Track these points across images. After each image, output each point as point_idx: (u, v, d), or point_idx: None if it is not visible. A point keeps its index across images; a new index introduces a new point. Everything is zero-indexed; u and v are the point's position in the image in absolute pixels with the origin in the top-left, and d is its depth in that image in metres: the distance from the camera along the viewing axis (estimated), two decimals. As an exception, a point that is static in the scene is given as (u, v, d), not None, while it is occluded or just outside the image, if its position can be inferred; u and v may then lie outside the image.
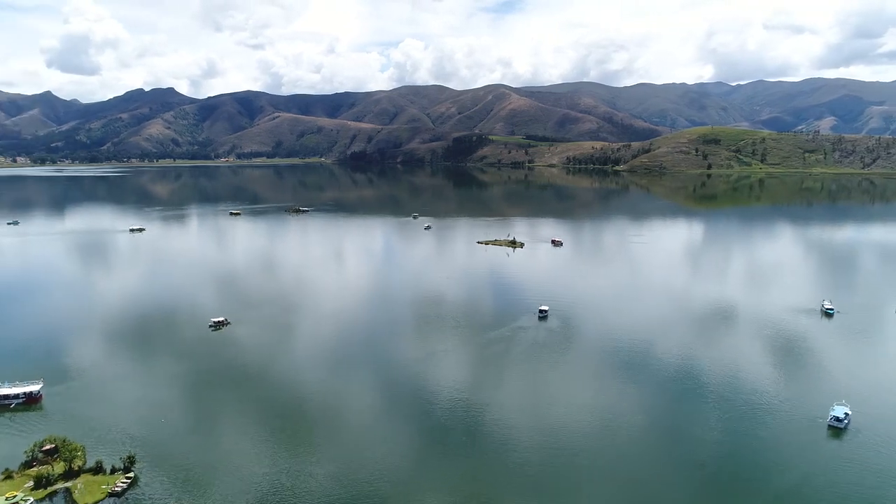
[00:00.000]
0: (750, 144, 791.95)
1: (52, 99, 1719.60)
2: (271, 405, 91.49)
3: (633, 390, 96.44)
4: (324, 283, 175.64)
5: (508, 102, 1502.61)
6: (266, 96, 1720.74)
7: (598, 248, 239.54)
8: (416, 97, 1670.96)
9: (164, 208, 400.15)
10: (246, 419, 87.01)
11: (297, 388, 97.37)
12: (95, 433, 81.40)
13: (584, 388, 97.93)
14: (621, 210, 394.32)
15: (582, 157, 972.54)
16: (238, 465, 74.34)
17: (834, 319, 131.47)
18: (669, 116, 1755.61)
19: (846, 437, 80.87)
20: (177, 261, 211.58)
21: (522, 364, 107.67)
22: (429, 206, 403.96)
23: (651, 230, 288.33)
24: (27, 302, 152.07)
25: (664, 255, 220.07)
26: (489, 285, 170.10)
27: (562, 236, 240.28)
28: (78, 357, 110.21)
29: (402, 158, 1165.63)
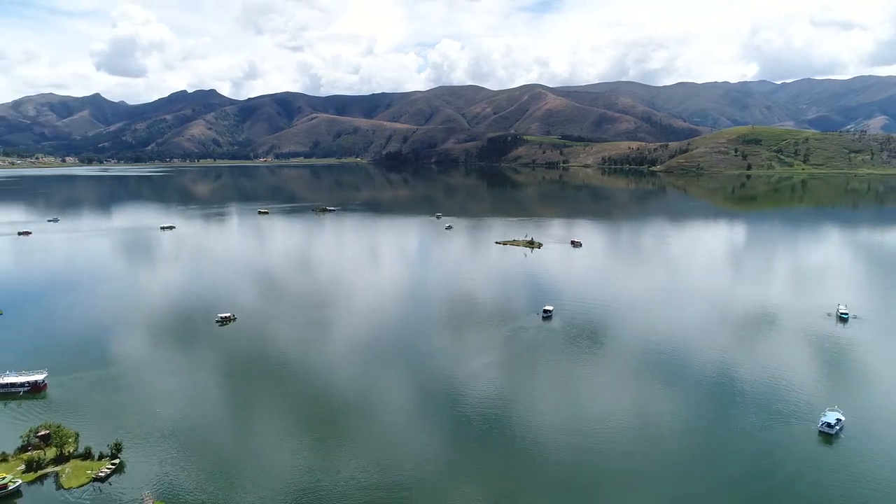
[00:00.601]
0: (792, 144, 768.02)
1: (100, 101, 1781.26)
2: (269, 400, 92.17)
3: (630, 389, 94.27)
4: (336, 281, 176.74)
5: (544, 102, 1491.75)
6: (304, 97, 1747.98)
7: (619, 249, 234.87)
8: (451, 97, 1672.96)
9: (199, 207, 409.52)
10: (241, 413, 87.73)
11: (299, 384, 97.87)
12: (92, 421, 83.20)
13: (588, 387, 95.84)
14: (654, 211, 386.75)
15: (617, 157, 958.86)
16: (222, 457, 74.97)
17: (849, 324, 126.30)
18: (710, 116, 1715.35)
19: (837, 443, 78.00)
20: (198, 257, 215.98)
21: (529, 361, 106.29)
22: (456, 206, 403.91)
23: (679, 232, 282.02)
24: (46, 294, 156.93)
25: (686, 256, 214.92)
26: (500, 285, 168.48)
27: (583, 237, 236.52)
28: (86, 349, 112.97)
29: (436, 159, 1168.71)
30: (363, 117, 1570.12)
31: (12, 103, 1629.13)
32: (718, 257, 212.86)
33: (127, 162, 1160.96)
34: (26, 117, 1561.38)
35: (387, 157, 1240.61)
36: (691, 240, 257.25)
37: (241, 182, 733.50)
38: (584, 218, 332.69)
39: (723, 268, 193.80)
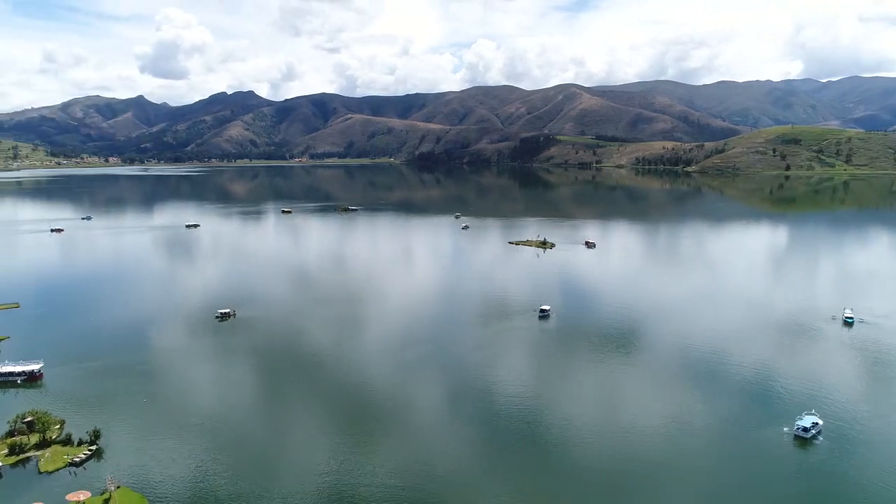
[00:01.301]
0: (833, 144, 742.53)
1: (143, 103, 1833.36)
2: (259, 396, 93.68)
3: (612, 389, 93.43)
4: (340, 279, 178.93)
5: (579, 102, 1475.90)
6: (340, 98, 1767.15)
7: (634, 250, 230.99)
8: (485, 97, 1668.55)
9: (229, 205, 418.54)
10: (229, 408, 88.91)
11: (295, 379, 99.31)
12: (81, 410, 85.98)
13: (572, 387, 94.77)
14: (684, 212, 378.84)
15: (651, 157, 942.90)
16: (198, 449, 76.51)
17: (853, 329, 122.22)
18: (752, 115, 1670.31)
19: (811, 448, 76.03)
20: (214, 255, 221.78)
21: (518, 359, 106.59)
22: (482, 206, 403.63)
23: (703, 233, 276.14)
24: (64, 288, 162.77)
25: (701, 257, 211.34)
26: (503, 284, 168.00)
27: (601, 238, 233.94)
28: (89, 340, 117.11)
29: (468, 159, 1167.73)
30: (398, 118, 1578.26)
31: (61, 105, 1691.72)
32: (735, 259, 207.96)
33: (166, 162, 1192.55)
34: (74, 119, 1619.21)
35: (419, 158, 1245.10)
36: (713, 241, 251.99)
37: (276, 182, 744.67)
38: (607, 219, 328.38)
39: (736, 269, 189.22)
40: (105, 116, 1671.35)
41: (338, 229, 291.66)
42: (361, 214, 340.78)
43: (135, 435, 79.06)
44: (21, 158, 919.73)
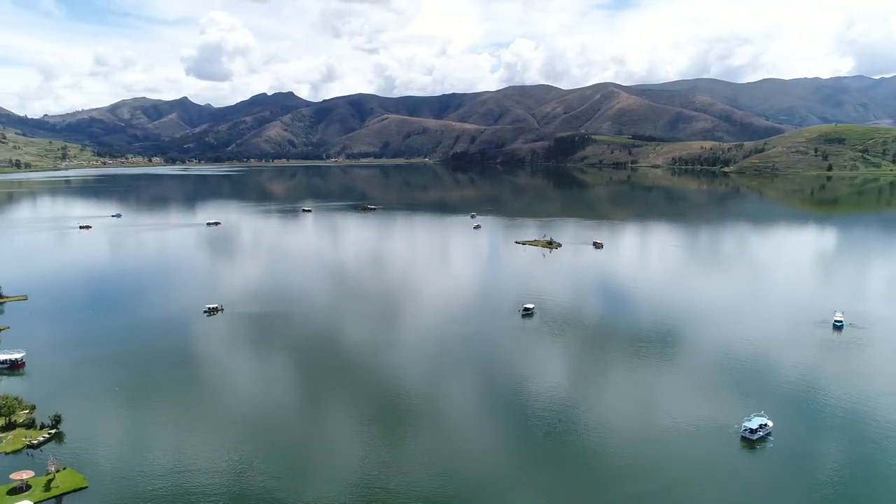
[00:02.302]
0: (880, 143, 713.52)
1: (187, 104, 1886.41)
2: (234, 391, 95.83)
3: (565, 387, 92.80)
4: (338, 276, 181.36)
5: (617, 101, 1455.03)
6: (376, 98, 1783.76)
7: (642, 251, 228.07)
8: (521, 97, 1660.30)
9: (255, 203, 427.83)
10: (199, 402, 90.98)
11: (275, 374, 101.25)
12: (54, 396, 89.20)
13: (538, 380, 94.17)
14: (716, 213, 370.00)
15: (689, 157, 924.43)
16: (150, 435, 78.94)
17: (840, 333, 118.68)
18: (798, 114, 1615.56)
19: (756, 450, 75.04)
20: (225, 251, 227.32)
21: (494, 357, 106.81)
22: (504, 206, 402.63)
23: (720, 233, 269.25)
24: (75, 282, 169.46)
25: (711, 258, 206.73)
26: (495, 282, 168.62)
27: (613, 239, 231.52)
28: (79, 333, 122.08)
29: (501, 159, 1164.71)
30: (433, 118, 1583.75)
31: (109, 107, 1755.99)
32: (743, 258, 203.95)
33: (206, 162, 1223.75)
34: (121, 120, 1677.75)
35: (453, 158, 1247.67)
36: (726, 241, 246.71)
37: (313, 181, 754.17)
38: (632, 219, 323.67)
39: (740, 269, 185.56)
40: (151, 117, 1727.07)
41: (349, 228, 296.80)
42: (379, 214, 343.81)
43: (96, 421, 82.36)
44: (69, 158, 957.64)
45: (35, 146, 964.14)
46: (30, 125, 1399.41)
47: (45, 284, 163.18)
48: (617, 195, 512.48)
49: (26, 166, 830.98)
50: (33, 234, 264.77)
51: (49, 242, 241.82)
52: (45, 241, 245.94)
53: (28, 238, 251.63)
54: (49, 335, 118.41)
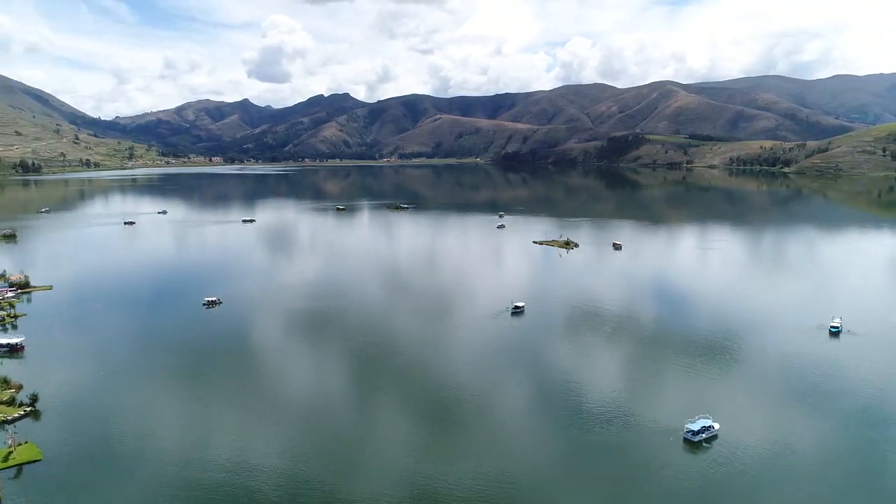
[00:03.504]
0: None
1: (248, 105, 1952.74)
2: (215, 386, 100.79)
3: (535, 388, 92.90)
4: (351, 273, 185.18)
5: (674, 100, 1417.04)
6: (430, 99, 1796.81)
7: (660, 252, 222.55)
8: (576, 96, 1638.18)
9: (295, 202, 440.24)
10: (182, 391, 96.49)
11: (270, 368, 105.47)
12: (43, 378, 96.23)
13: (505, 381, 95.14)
14: (769, 215, 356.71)
15: (747, 157, 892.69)
16: (120, 418, 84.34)
17: (835, 339, 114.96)
18: (872, 112, 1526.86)
19: (696, 452, 74.73)
20: (252, 246, 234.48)
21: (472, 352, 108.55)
22: (543, 206, 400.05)
23: (761, 236, 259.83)
24: (101, 274, 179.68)
25: (730, 260, 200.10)
26: (495, 280, 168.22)
27: (636, 240, 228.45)
28: (86, 321, 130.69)
29: (553, 159, 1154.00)
30: (486, 118, 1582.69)
31: (175, 109, 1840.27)
32: (767, 263, 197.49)
33: (263, 161, 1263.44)
34: (186, 121, 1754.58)
35: (504, 158, 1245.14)
36: (768, 245, 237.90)
37: (365, 181, 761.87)
38: (674, 222, 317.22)
39: (759, 275, 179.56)
40: (214, 118, 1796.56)
41: (375, 226, 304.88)
42: (412, 213, 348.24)
43: (73, 402, 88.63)
44: (135, 158, 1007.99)
45: (105, 146, 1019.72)
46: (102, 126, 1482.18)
47: (72, 276, 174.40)
48: (671, 196, 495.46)
49: (95, 165, 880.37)
50: (82, 229, 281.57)
51: (92, 237, 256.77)
52: (88, 236, 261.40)
53: (75, 233, 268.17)
54: (59, 322, 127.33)
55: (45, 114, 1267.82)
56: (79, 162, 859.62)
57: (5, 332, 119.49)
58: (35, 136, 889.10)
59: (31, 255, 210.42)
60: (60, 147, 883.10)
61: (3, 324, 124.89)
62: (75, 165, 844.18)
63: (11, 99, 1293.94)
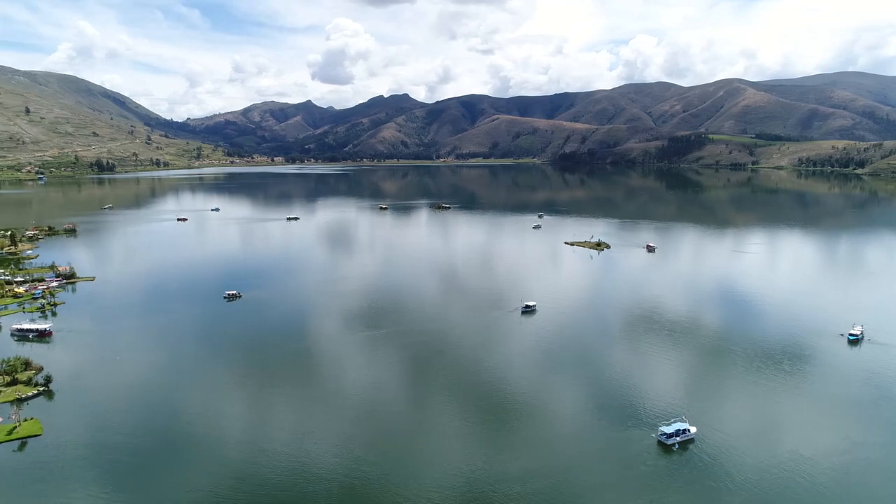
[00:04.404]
0: None
1: (311, 107, 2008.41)
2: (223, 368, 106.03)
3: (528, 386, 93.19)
4: (379, 270, 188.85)
5: (742, 98, 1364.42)
6: (488, 99, 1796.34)
7: (694, 255, 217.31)
8: (637, 95, 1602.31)
9: (344, 200, 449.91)
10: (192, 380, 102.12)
11: (290, 356, 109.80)
12: (62, 362, 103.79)
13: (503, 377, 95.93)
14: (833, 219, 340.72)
15: (817, 158, 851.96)
16: (124, 403, 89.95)
17: (853, 347, 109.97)
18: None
19: (669, 455, 73.99)
20: (289, 243, 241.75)
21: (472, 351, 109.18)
22: (586, 207, 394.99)
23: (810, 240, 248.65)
24: (143, 267, 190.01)
25: (762, 266, 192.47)
26: (514, 279, 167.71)
27: (673, 242, 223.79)
28: (116, 309, 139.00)
29: (611, 159, 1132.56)
30: (545, 118, 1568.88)
31: (242, 110, 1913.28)
32: (804, 268, 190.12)
33: (323, 161, 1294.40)
34: (252, 122, 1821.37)
35: (561, 158, 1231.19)
36: (808, 250, 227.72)
37: (422, 180, 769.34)
38: (713, 224, 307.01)
39: (791, 279, 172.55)
40: (278, 119, 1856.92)
41: (411, 225, 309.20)
42: (453, 212, 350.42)
43: (85, 383, 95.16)
44: (202, 158, 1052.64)
45: (174, 147, 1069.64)
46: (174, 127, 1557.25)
47: (115, 268, 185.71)
48: (734, 199, 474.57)
49: (165, 164, 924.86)
50: (137, 225, 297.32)
51: (143, 232, 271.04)
52: (141, 231, 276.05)
53: (130, 229, 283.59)
54: (91, 311, 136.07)
55: (122, 116, 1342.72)
56: (149, 161, 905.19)
57: (45, 319, 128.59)
58: (111, 136, 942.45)
59: (85, 248, 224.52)
60: (133, 147, 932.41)
61: (43, 311, 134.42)
62: (146, 165, 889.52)
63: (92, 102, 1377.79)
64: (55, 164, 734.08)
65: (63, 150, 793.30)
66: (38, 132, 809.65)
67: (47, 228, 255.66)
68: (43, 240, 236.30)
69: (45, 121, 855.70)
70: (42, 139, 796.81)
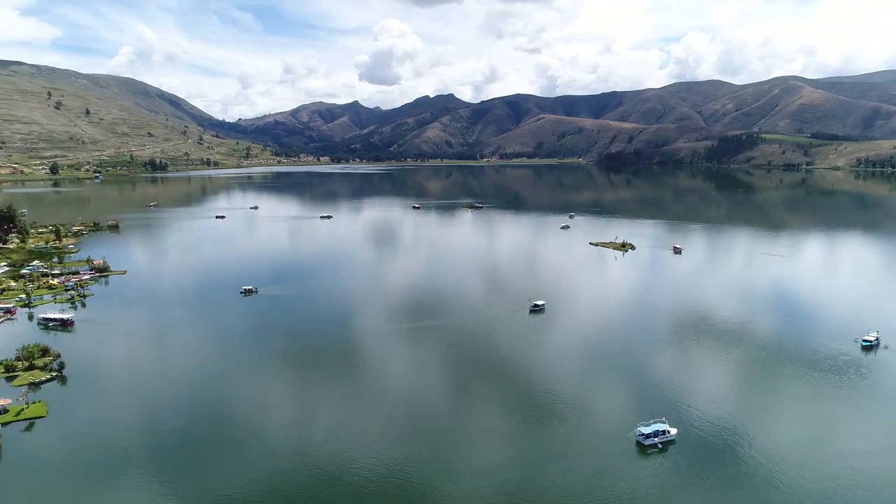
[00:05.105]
0: None
1: (358, 107, 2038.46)
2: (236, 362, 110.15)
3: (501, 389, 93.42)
4: (401, 269, 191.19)
5: (798, 97, 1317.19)
6: (533, 98, 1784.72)
7: (722, 257, 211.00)
8: (688, 94, 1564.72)
9: (381, 199, 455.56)
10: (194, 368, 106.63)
11: (294, 350, 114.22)
12: (79, 349, 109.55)
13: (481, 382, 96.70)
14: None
15: (877, 158, 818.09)
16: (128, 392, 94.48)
17: (867, 354, 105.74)
18: None
19: (645, 456, 73.44)
20: (318, 240, 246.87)
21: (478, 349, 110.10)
22: (625, 208, 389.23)
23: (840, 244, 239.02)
24: (173, 262, 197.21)
25: (790, 269, 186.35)
26: (530, 279, 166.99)
27: (691, 243, 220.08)
28: (139, 301, 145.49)
29: (658, 159, 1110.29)
30: (591, 117, 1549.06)
31: (291, 111, 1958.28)
32: (836, 272, 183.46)
33: (367, 161, 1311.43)
34: (300, 123, 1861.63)
35: (606, 158, 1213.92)
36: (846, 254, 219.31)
37: (466, 180, 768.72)
38: (754, 226, 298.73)
39: (816, 284, 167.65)
40: (325, 120, 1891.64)
41: (440, 225, 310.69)
42: (485, 212, 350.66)
43: (97, 371, 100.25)
44: (251, 157, 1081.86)
45: (224, 146, 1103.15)
46: (226, 128, 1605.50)
47: (146, 262, 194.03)
48: (787, 201, 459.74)
49: (215, 164, 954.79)
50: (178, 222, 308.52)
51: (182, 229, 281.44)
52: (180, 227, 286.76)
53: (171, 225, 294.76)
54: (117, 302, 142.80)
55: (177, 117, 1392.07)
56: (200, 161, 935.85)
57: (73, 310, 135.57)
58: (165, 137, 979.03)
59: (124, 243, 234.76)
60: (185, 147, 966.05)
61: (72, 302, 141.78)
62: (197, 164, 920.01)
63: (149, 103, 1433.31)
64: (111, 164, 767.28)
65: (119, 149, 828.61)
66: (97, 132, 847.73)
67: (92, 224, 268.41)
68: (87, 235, 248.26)
69: (104, 122, 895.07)
70: (100, 139, 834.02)
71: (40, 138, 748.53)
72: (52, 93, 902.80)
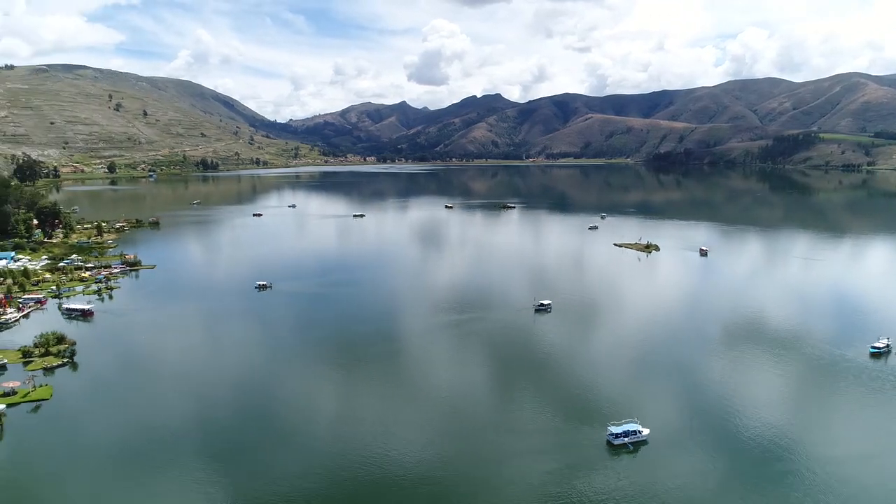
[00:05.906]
0: None
1: (405, 107, 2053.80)
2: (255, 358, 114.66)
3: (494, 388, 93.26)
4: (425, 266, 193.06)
5: (861, 94, 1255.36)
6: (582, 98, 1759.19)
7: (748, 259, 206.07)
8: (742, 92, 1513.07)
9: (415, 199, 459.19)
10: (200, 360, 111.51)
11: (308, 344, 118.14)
12: (93, 337, 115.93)
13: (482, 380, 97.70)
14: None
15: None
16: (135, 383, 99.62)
17: (875, 360, 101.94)
18: None
19: (616, 455, 73.32)
20: (346, 239, 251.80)
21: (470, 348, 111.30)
22: (660, 209, 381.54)
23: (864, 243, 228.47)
24: (202, 257, 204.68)
25: (821, 273, 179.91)
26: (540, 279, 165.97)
27: (723, 245, 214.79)
28: (161, 294, 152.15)
29: (709, 160, 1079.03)
30: (641, 116, 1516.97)
31: (340, 112, 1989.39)
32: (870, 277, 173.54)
33: (413, 161, 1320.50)
34: (349, 123, 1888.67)
35: (655, 158, 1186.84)
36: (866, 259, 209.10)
37: (513, 180, 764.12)
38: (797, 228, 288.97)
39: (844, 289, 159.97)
40: (374, 120, 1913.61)
41: (469, 224, 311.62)
42: (516, 212, 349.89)
43: (106, 358, 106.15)
44: (299, 157, 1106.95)
45: (274, 146, 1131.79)
46: (277, 128, 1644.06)
47: (176, 257, 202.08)
48: (850, 203, 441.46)
49: (264, 164, 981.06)
50: (216, 219, 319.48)
51: (218, 226, 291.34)
52: (217, 224, 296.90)
53: (209, 222, 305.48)
54: (141, 295, 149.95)
55: (230, 118, 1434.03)
56: (250, 160, 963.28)
57: (101, 301, 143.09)
58: (217, 137, 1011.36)
59: (161, 239, 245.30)
60: (236, 147, 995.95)
61: (99, 294, 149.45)
62: (247, 163, 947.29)
63: (203, 104, 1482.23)
64: (165, 163, 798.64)
65: (174, 149, 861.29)
66: (153, 133, 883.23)
67: (135, 221, 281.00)
68: (128, 231, 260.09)
69: (160, 123, 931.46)
70: (156, 139, 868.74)
71: (100, 138, 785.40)
72: (112, 95, 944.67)
